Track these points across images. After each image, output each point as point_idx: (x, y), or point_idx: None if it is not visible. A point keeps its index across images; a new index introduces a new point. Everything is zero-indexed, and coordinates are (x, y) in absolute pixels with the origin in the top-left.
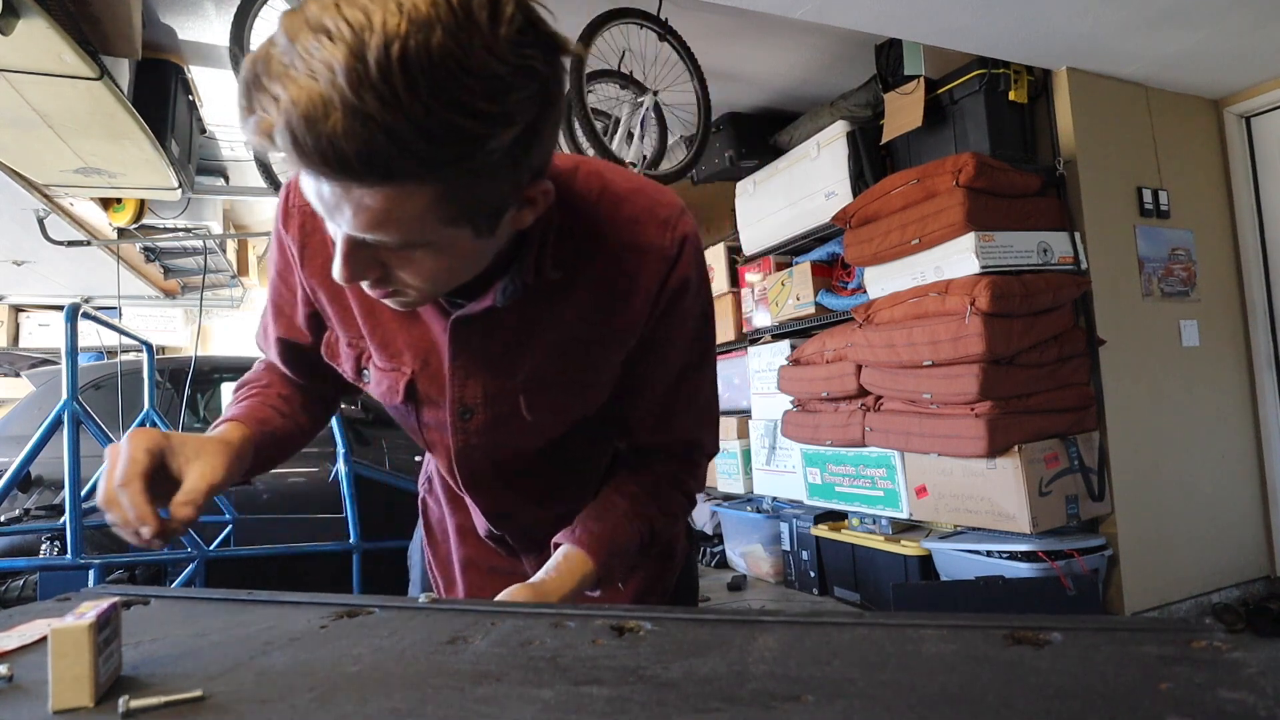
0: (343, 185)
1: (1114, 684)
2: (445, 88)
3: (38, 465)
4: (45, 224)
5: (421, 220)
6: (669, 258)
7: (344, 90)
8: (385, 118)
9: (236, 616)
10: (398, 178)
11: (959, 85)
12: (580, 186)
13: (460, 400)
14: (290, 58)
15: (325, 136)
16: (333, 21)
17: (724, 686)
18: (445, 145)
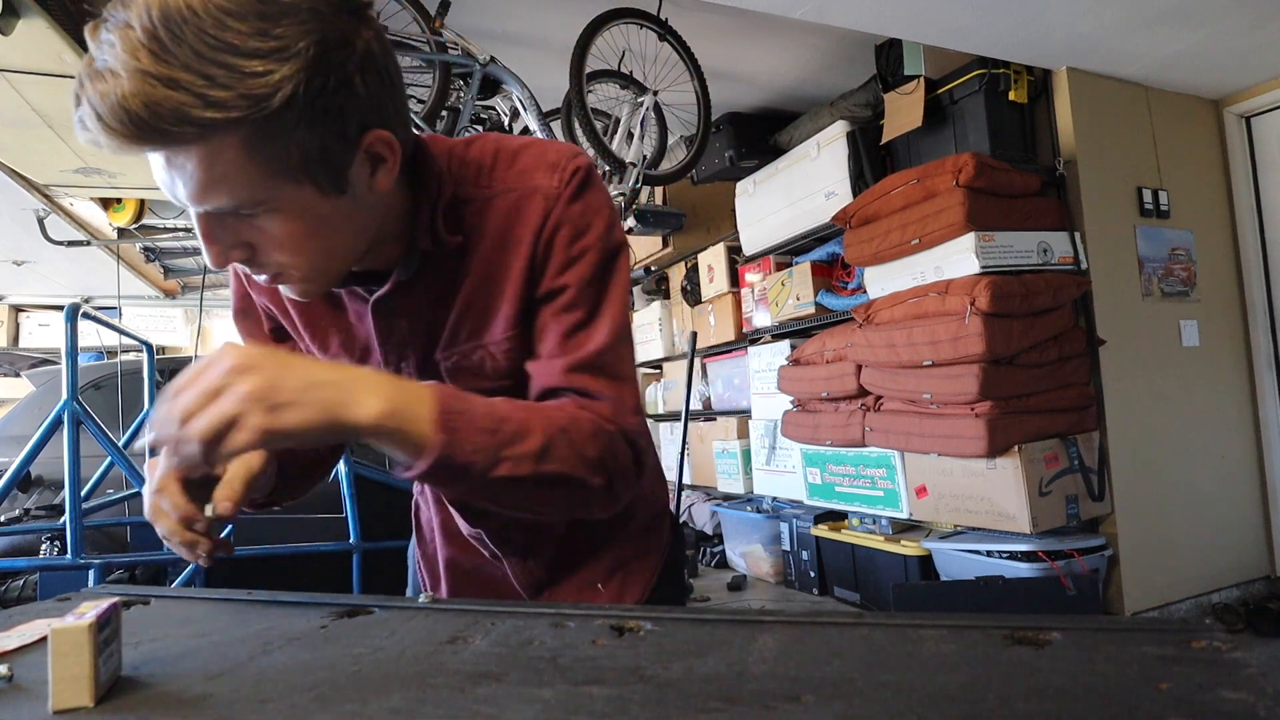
0: (163, 155)
1: (1114, 684)
2: (209, 31)
3: (38, 465)
4: (45, 224)
5: (244, 176)
6: (552, 196)
7: (123, 57)
8: (160, 69)
9: (236, 616)
10: (194, 129)
11: (959, 85)
12: (475, 153)
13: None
14: (93, 53)
15: (117, 103)
16: (112, 10)
17: (724, 686)
18: (226, 86)
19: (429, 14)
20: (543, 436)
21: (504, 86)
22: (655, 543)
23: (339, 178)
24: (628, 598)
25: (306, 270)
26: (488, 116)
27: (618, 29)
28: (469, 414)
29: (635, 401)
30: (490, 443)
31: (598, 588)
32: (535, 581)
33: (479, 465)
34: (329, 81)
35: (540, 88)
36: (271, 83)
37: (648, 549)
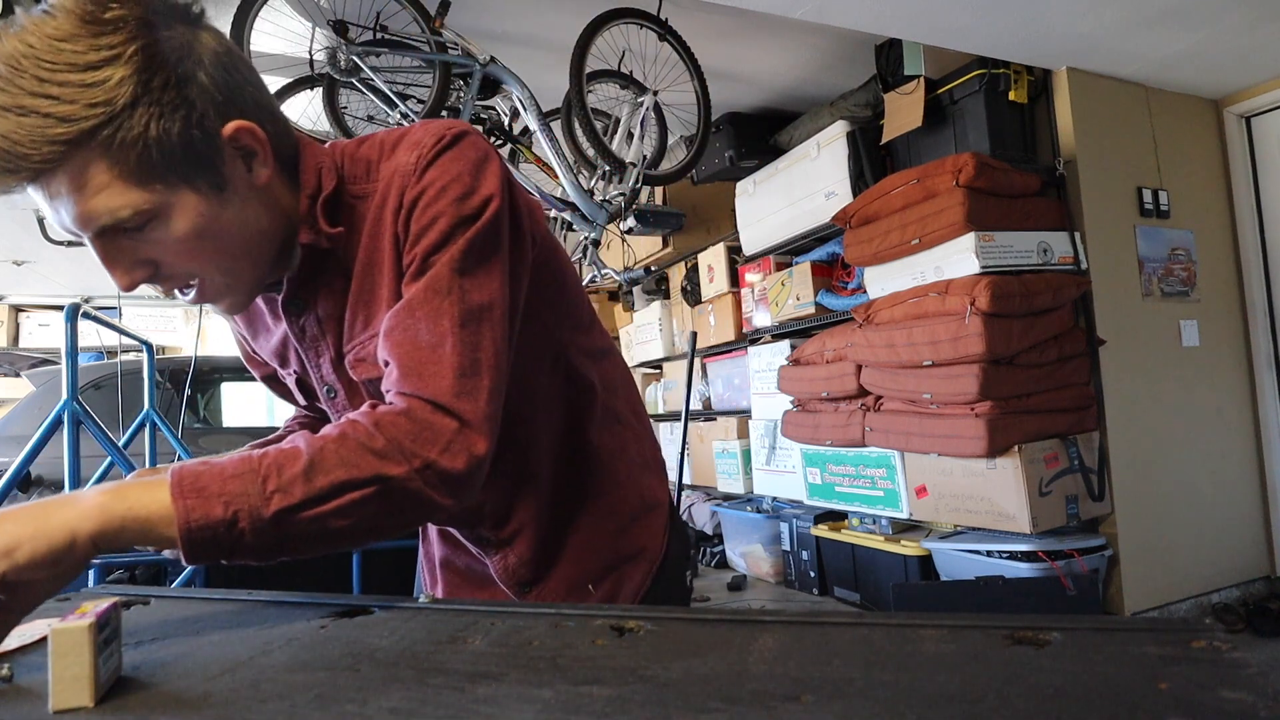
0: (41, 189)
1: (1114, 684)
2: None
3: (38, 465)
4: (45, 224)
5: (117, 187)
6: (408, 172)
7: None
8: (10, 100)
9: (236, 616)
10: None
11: (959, 85)
12: (365, 150)
13: (321, 381)
14: None
15: None
16: None
17: (724, 686)
18: (70, 100)
19: (429, 14)
20: (306, 454)
21: (504, 86)
22: (649, 544)
23: (214, 174)
24: (621, 597)
25: (218, 279)
26: (488, 116)
27: (618, 29)
28: (211, 471)
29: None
30: (248, 486)
31: (589, 588)
32: (520, 579)
33: (246, 511)
34: (170, 77)
35: (540, 88)
36: (111, 85)
37: (641, 550)
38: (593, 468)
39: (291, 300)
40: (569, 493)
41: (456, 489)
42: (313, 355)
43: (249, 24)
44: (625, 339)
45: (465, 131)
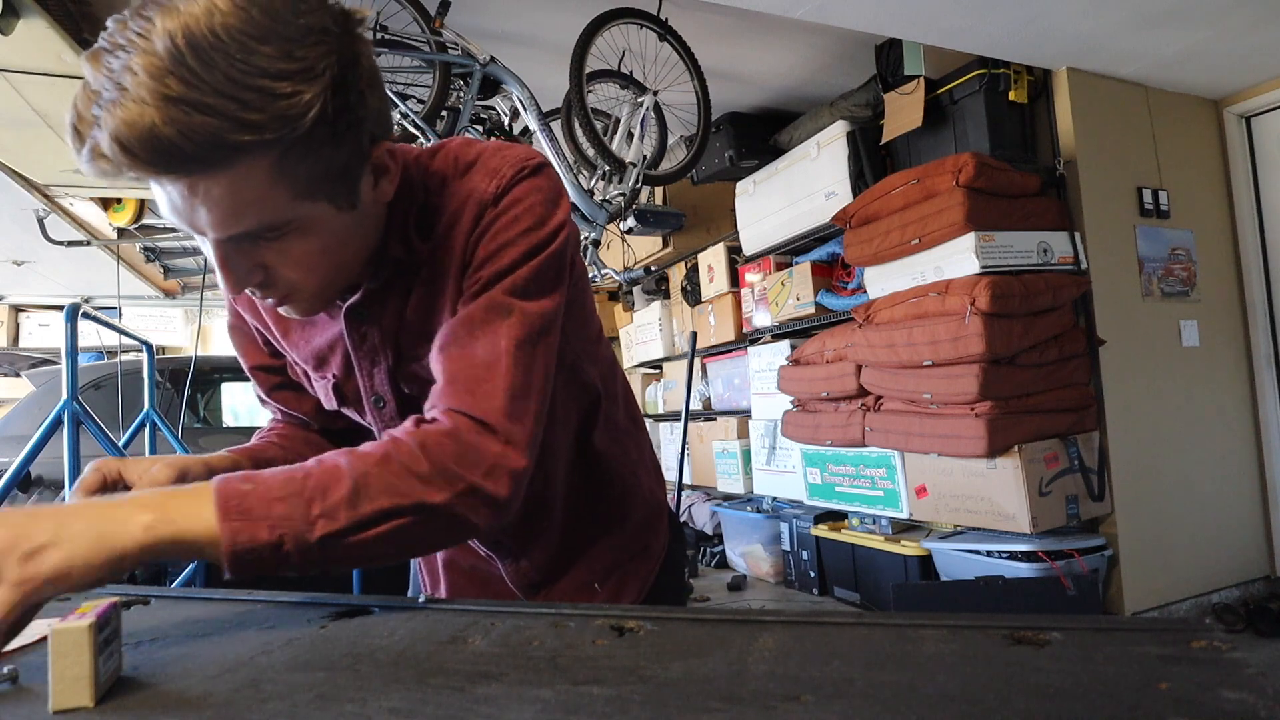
0: (186, 183)
1: (1114, 684)
2: (237, 55)
3: (38, 465)
4: (45, 224)
5: (272, 198)
6: (486, 200)
7: (149, 85)
8: (193, 95)
9: (236, 616)
10: (227, 154)
11: (959, 85)
12: (439, 164)
13: (372, 390)
14: (98, 83)
15: (147, 132)
16: (123, 37)
17: (724, 686)
18: (258, 109)
19: (429, 14)
20: (350, 478)
21: (504, 86)
22: (653, 542)
23: (354, 193)
24: (624, 598)
25: (316, 288)
26: (488, 117)
27: (618, 29)
28: (257, 492)
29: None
30: (293, 510)
31: (594, 588)
32: (530, 582)
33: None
34: (349, 99)
35: (540, 88)
36: (302, 103)
37: (645, 548)
38: (599, 472)
39: (358, 308)
40: (579, 497)
41: (497, 511)
42: (367, 364)
43: None
44: (625, 339)
45: (543, 164)
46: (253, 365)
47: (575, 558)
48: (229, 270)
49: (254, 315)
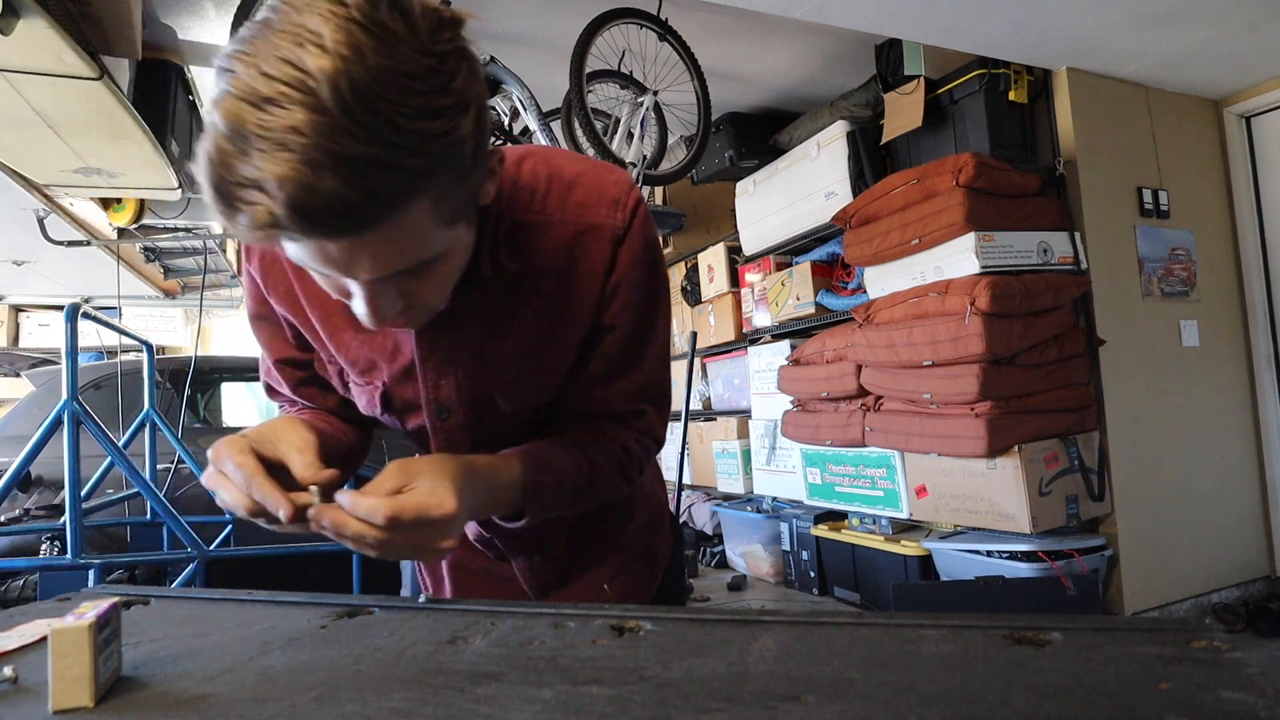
0: (354, 239)
1: (1114, 684)
2: (397, 99)
3: (38, 465)
4: (45, 224)
5: (430, 233)
6: (617, 236)
7: (324, 146)
8: (370, 151)
9: (236, 616)
10: (400, 203)
11: (959, 85)
12: (527, 178)
13: (436, 401)
14: (247, 143)
15: (326, 196)
16: (269, 87)
17: (724, 686)
18: (423, 154)
19: None
20: (604, 484)
21: (504, 86)
22: (659, 543)
23: (476, 206)
24: (633, 598)
25: (438, 305)
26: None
27: (618, 29)
28: (550, 486)
29: (668, 414)
30: (564, 501)
31: (604, 589)
32: (543, 583)
33: (554, 514)
34: (486, 116)
35: (540, 88)
36: (460, 138)
37: (652, 550)
38: None
39: (435, 323)
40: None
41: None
42: (433, 376)
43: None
44: None
45: (635, 180)
46: (279, 359)
47: (584, 559)
48: (378, 304)
49: (291, 309)
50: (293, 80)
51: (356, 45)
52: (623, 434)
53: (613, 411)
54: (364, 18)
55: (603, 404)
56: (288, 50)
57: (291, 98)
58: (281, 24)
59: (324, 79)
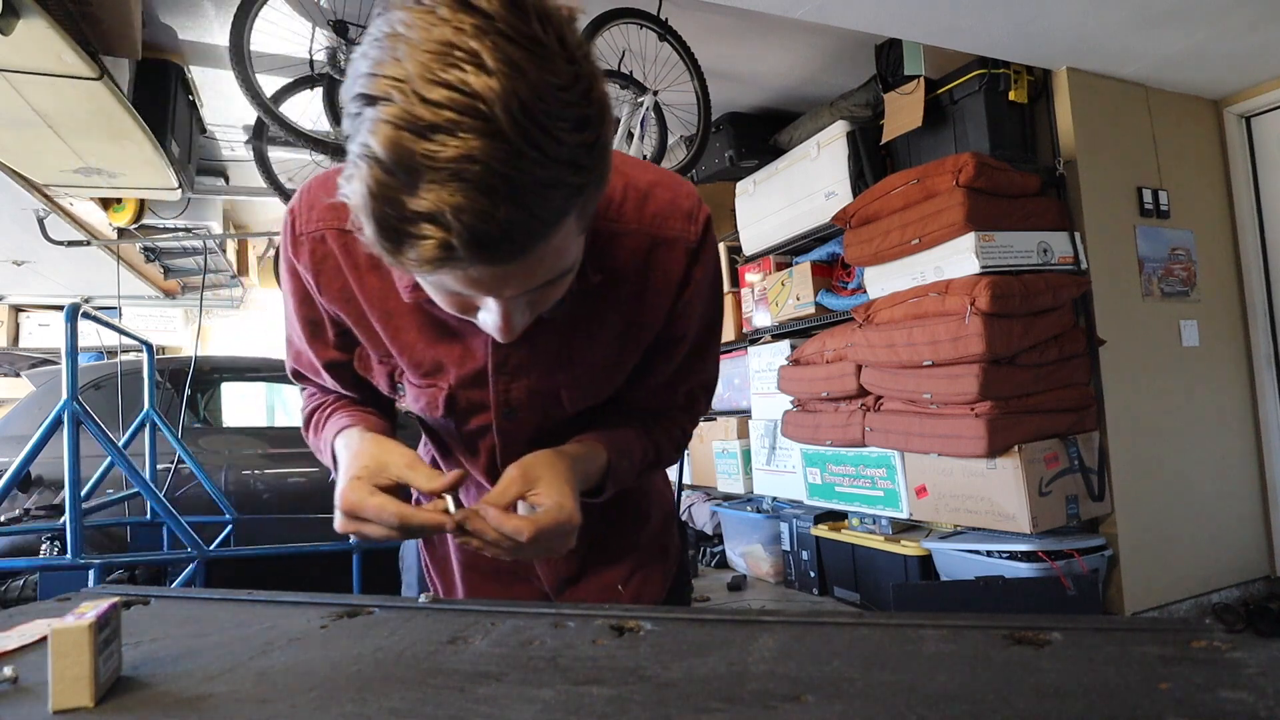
0: (519, 261)
1: (1114, 684)
2: (560, 114)
3: (38, 465)
4: (45, 224)
5: (572, 245)
6: (692, 249)
7: (499, 171)
8: (543, 174)
9: (236, 616)
10: (560, 221)
11: (959, 85)
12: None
13: (506, 403)
14: (415, 175)
15: (504, 224)
16: (434, 114)
17: (724, 686)
18: (582, 167)
19: None
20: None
21: None
22: (670, 544)
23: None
24: (646, 598)
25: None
26: None
27: (618, 29)
28: (626, 468)
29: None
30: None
31: (618, 588)
32: (561, 577)
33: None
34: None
35: None
36: (605, 145)
37: (664, 550)
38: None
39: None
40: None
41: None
42: (505, 380)
43: (249, 24)
44: None
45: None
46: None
47: (601, 558)
48: (512, 318)
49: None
50: (461, 106)
51: (514, 62)
52: (680, 418)
53: (674, 405)
54: (513, 30)
55: (665, 399)
56: (443, 72)
57: (462, 124)
58: (422, 42)
59: (496, 101)
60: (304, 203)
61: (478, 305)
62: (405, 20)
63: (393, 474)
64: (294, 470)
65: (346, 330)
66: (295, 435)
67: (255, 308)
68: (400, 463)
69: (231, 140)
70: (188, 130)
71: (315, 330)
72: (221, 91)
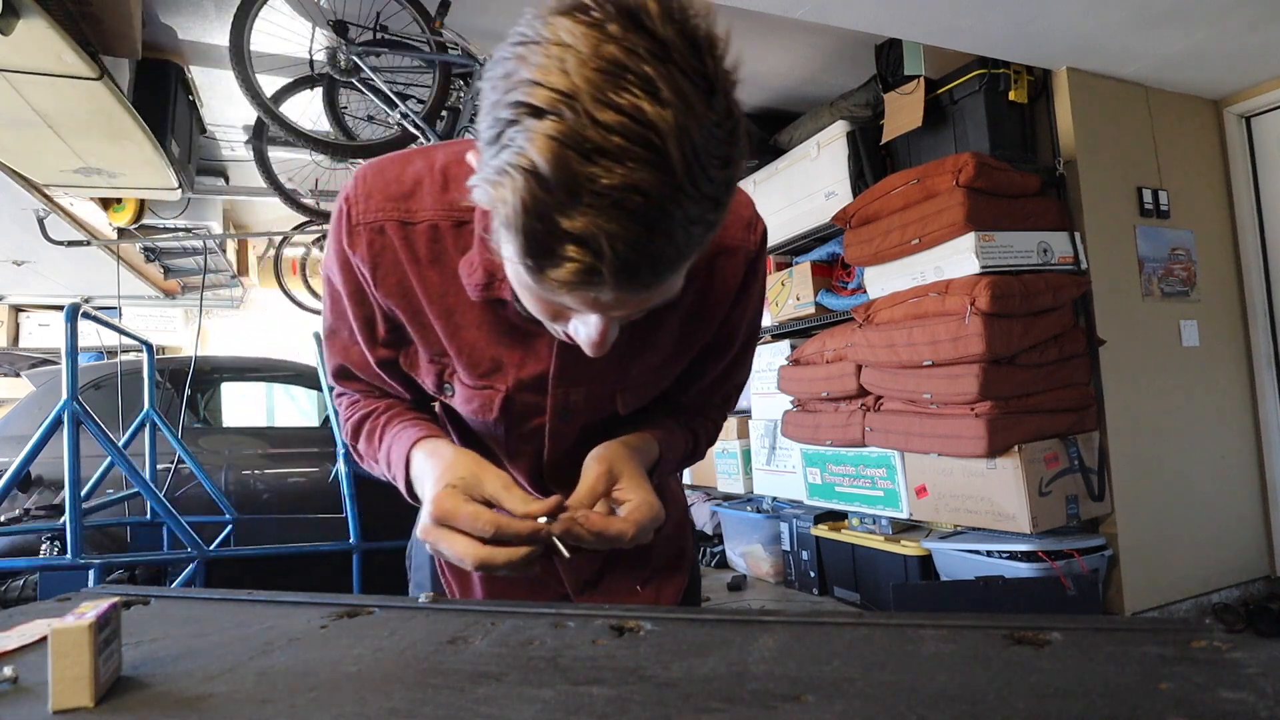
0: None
1: (1114, 684)
2: (718, 152)
3: (38, 465)
4: (45, 224)
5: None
6: (751, 258)
7: (663, 207)
8: (699, 211)
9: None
10: (694, 255)
11: (959, 85)
12: None
13: (564, 407)
14: (575, 197)
15: (654, 256)
16: (603, 138)
17: (724, 686)
18: (724, 204)
19: (429, 14)
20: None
21: None
22: (685, 546)
23: None
24: (664, 599)
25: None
26: None
27: None
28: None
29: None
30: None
31: (636, 590)
32: (583, 579)
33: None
34: None
35: None
36: (738, 180)
37: (681, 552)
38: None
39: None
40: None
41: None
42: (565, 385)
43: (249, 24)
44: None
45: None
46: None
47: (622, 559)
48: (607, 337)
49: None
50: (632, 133)
51: (685, 94)
52: (715, 414)
53: (712, 402)
54: (684, 61)
55: (706, 398)
56: (615, 94)
57: (631, 153)
58: (591, 57)
59: (669, 135)
60: (360, 190)
61: (571, 315)
62: (571, 30)
63: (487, 490)
64: (294, 470)
65: (397, 326)
66: (295, 435)
67: (255, 308)
68: (496, 483)
69: (231, 140)
70: (188, 130)
71: (367, 325)
72: (221, 91)
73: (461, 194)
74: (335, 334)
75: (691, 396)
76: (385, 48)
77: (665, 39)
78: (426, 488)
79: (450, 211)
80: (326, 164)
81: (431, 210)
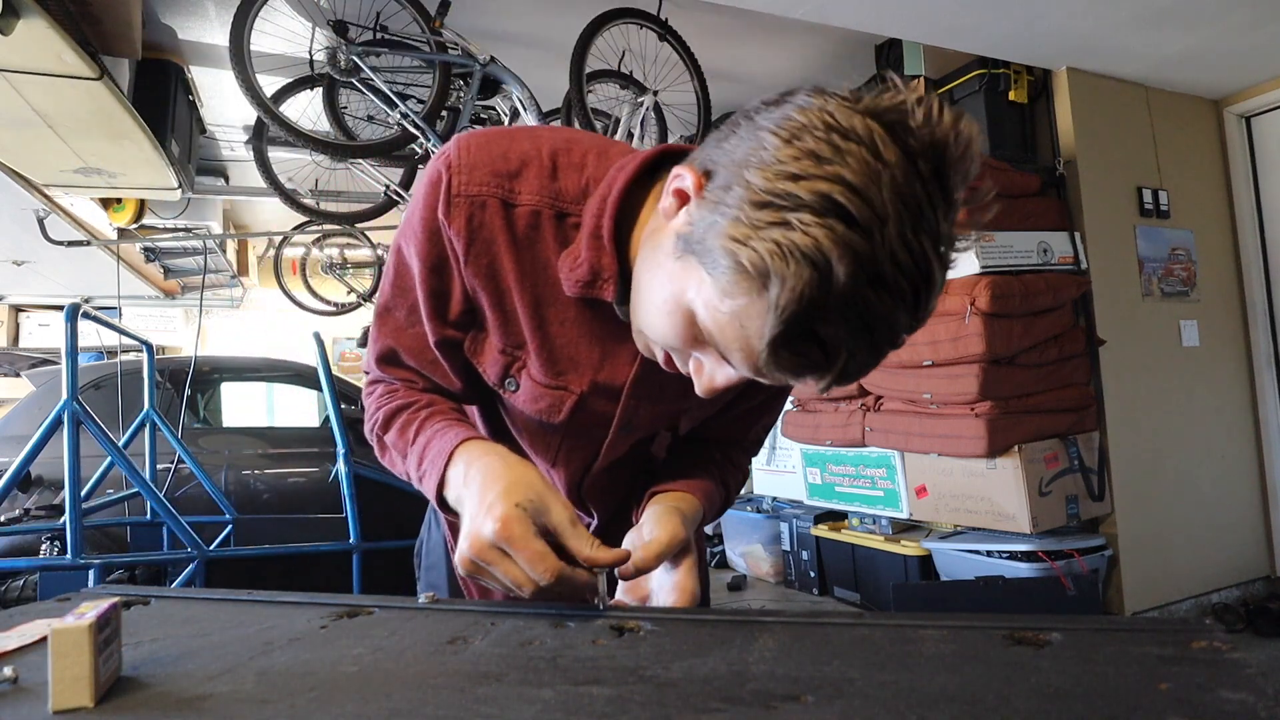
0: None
1: (1114, 684)
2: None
3: (38, 465)
4: (45, 224)
5: None
6: None
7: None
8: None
9: (236, 616)
10: None
11: (959, 85)
12: None
13: (631, 419)
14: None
15: (866, 368)
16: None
17: (724, 686)
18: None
19: (429, 14)
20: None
21: (504, 86)
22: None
23: None
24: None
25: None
26: (488, 116)
27: (618, 29)
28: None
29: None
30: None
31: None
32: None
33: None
34: None
35: (540, 88)
36: None
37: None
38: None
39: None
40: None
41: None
42: (635, 399)
43: (249, 24)
44: None
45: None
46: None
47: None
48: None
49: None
50: (914, 281)
51: (957, 251)
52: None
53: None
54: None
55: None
56: (914, 240)
57: (904, 297)
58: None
59: (936, 290)
60: (465, 160)
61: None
62: (887, 146)
63: (553, 519)
64: (294, 470)
65: (472, 309)
66: (295, 435)
67: (255, 308)
68: (563, 515)
69: (231, 140)
70: (188, 130)
71: (439, 302)
72: (221, 91)
73: (569, 184)
74: (389, 313)
75: (728, 426)
76: (385, 48)
77: (956, 200)
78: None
79: (555, 201)
80: (326, 164)
81: (536, 195)
